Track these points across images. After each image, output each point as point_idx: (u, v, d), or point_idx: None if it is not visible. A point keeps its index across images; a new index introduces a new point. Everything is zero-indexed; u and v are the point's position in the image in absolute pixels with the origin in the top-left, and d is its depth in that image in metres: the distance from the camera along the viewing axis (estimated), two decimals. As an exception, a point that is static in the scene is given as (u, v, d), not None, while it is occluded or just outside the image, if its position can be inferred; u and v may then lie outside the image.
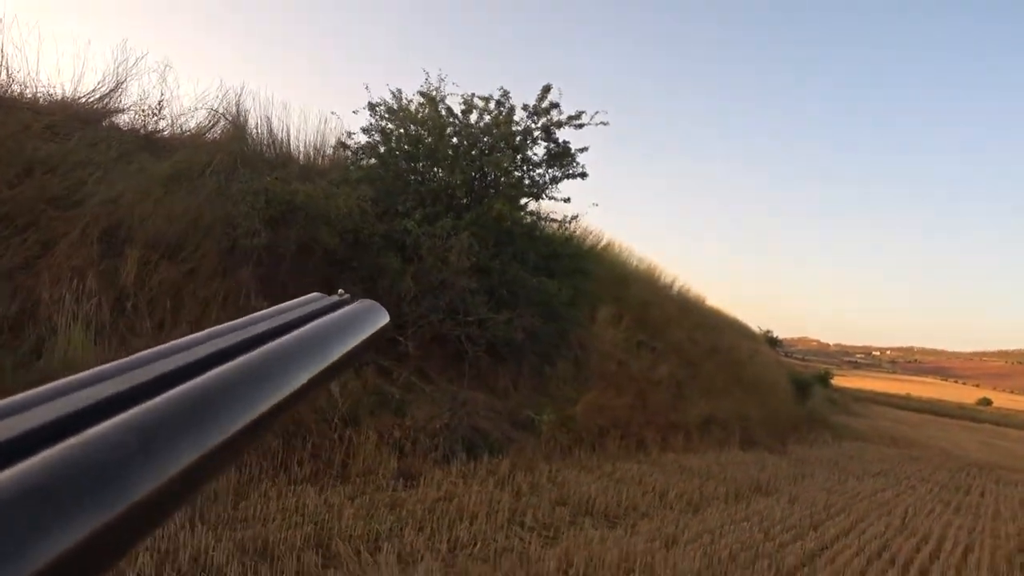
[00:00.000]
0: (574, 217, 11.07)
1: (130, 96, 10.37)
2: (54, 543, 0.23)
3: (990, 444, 26.36)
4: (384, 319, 0.61)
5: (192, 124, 10.89)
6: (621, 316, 14.28)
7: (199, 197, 9.42)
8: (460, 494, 7.29)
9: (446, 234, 8.86)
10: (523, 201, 10.84)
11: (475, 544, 6.27)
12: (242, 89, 13.18)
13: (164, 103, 10.70)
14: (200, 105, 12.42)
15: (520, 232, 10.13)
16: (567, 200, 10.58)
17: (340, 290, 0.61)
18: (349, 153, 9.99)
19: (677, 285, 19.40)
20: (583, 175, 10.45)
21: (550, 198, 10.54)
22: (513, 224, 9.90)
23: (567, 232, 11.36)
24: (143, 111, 10.47)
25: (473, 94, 10.23)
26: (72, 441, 0.26)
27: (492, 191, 9.63)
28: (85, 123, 9.94)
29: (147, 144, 10.33)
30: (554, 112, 10.06)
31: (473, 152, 9.76)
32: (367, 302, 0.60)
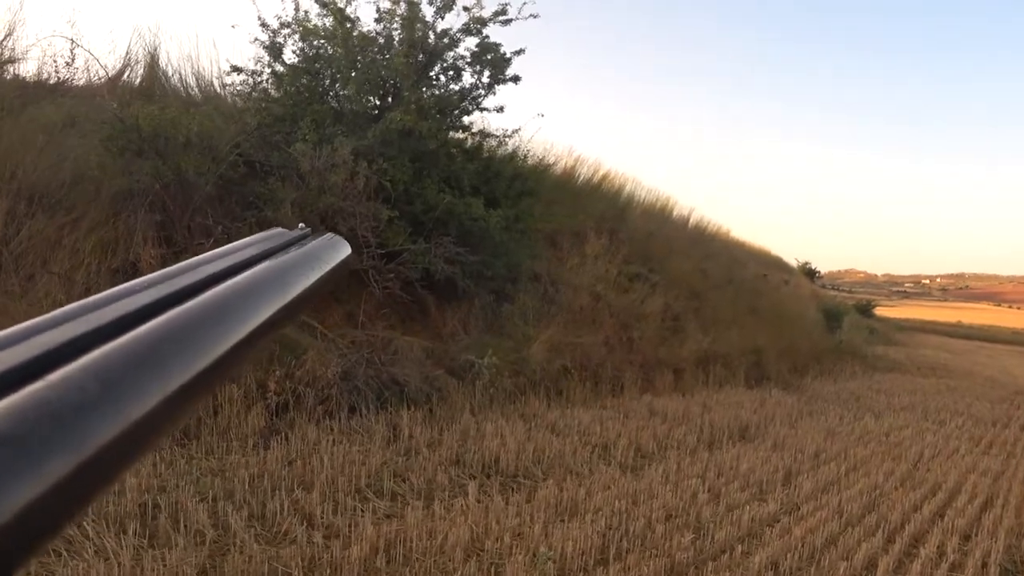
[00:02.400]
0: (515, 131, 8.85)
1: (26, 45, 8.73)
2: (22, 491, 0.21)
3: (1045, 370, 22.59)
4: (346, 252, 0.55)
5: (105, 70, 9.18)
6: (617, 248, 12.02)
7: (92, 143, 7.68)
8: (317, 456, 5.36)
9: (332, 153, 6.85)
10: (467, 120, 8.73)
11: (280, 523, 4.36)
12: (158, 28, 11.53)
13: (73, 51, 8.93)
14: (112, 50, 10.77)
15: (447, 152, 8.01)
16: (500, 110, 8.40)
17: (301, 224, 0.56)
18: (243, 77, 8.04)
19: (693, 217, 16.86)
20: (515, 79, 8.23)
21: (481, 109, 8.36)
22: (439, 143, 7.78)
23: (507, 149, 9.13)
24: (51, 60, 8.80)
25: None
26: (33, 387, 0.24)
27: (396, 103, 7.52)
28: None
29: (51, 94, 8.66)
30: (469, 13, 7.85)
31: (389, 65, 7.67)
32: (328, 235, 0.55)
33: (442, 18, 7.77)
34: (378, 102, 7.78)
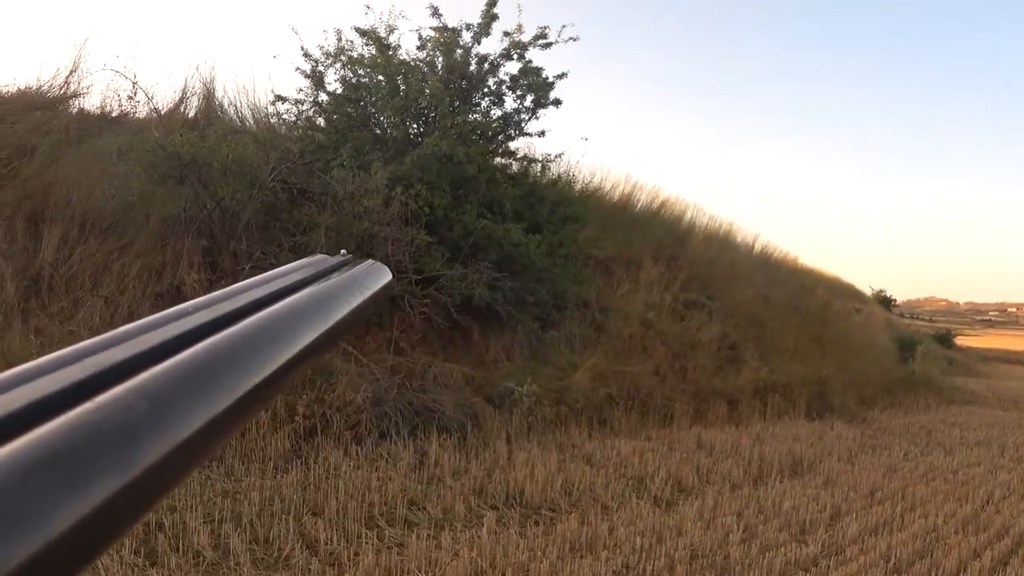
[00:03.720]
0: (557, 155, 8.68)
1: (89, 81, 9.15)
2: (73, 508, 0.21)
3: None
4: (387, 277, 0.56)
5: (164, 103, 9.50)
6: (675, 276, 11.68)
7: (135, 171, 7.94)
8: (334, 481, 5.26)
9: (367, 178, 6.85)
10: (512, 145, 8.66)
11: (282, 548, 4.26)
12: (214, 62, 11.90)
13: (135, 85, 9.25)
14: (171, 83, 11.22)
15: (488, 177, 7.90)
16: (541, 134, 8.26)
17: (343, 251, 0.58)
18: (287, 106, 8.16)
19: (759, 243, 16.28)
20: (556, 102, 8.08)
21: (523, 133, 8.25)
22: (478, 168, 7.68)
23: (549, 173, 8.97)
24: (113, 94, 9.16)
25: (446, 25, 8.04)
26: (84, 407, 0.24)
27: (435, 130, 7.45)
28: (39, 110, 8.83)
29: (111, 126, 9.01)
30: (509, 39, 7.78)
31: (426, 91, 7.64)
32: (370, 262, 0.57)
33: (478, 43, 7.74)
34: (422, 128, 7.75)
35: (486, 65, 7.89)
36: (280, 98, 8.14)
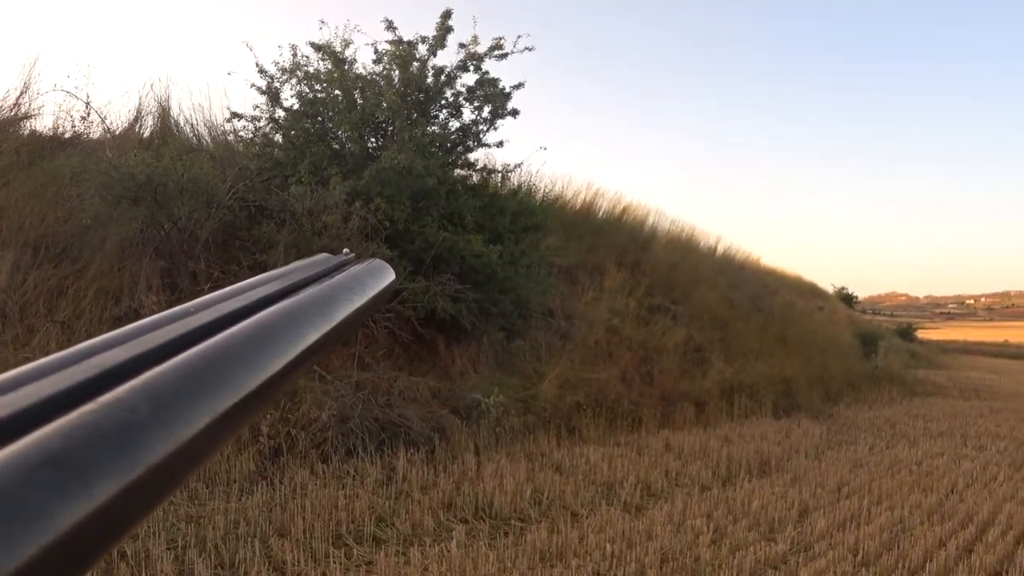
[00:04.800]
0: (517, 165, 8.70)
1: (40, 102, 8.92)
2: (74, 509, 0.21)
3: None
4: (390, 277, 0.56)
5: (118, 123, 9.31)
6: (638, 281, 11.74)
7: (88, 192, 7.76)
8: (300, 501, 5.17)
9: (325, 194, 6.79)
10: (472, 156, 8.65)
11: (248, 571, 4.20)
12: (169, 80, 11.78)
13: (89, 105, 9.05)
14: (125, 102, 11.06)
15: (448, 189, 7.89)
16: (500, 144, 8.27)
17: (345, 249, 0.59)
18: (244, 123, 8.07)
19: (721, 246, 16.48)
20: (514, 113, 8.10)
21: (482, 144, 8.25)
22: (437, 180, 7.65)
23: (509, 184, 8.99)
24: (65, 115, 8.94)
25: (401, 38, 8.00)
26: (86, 407, 0.24)
27: (393, 143, 7.42)
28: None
29: (64, 148, 8.81)
30: (465, 50, 7.80)
31: (383, 104, 7.60)
32: (374, 260, 0.57)
33: (434, 55, 7.74)
34: (380, 142, 7.71)
35: (443, 77, 7.89)
36: (236, 115, 8.05)
